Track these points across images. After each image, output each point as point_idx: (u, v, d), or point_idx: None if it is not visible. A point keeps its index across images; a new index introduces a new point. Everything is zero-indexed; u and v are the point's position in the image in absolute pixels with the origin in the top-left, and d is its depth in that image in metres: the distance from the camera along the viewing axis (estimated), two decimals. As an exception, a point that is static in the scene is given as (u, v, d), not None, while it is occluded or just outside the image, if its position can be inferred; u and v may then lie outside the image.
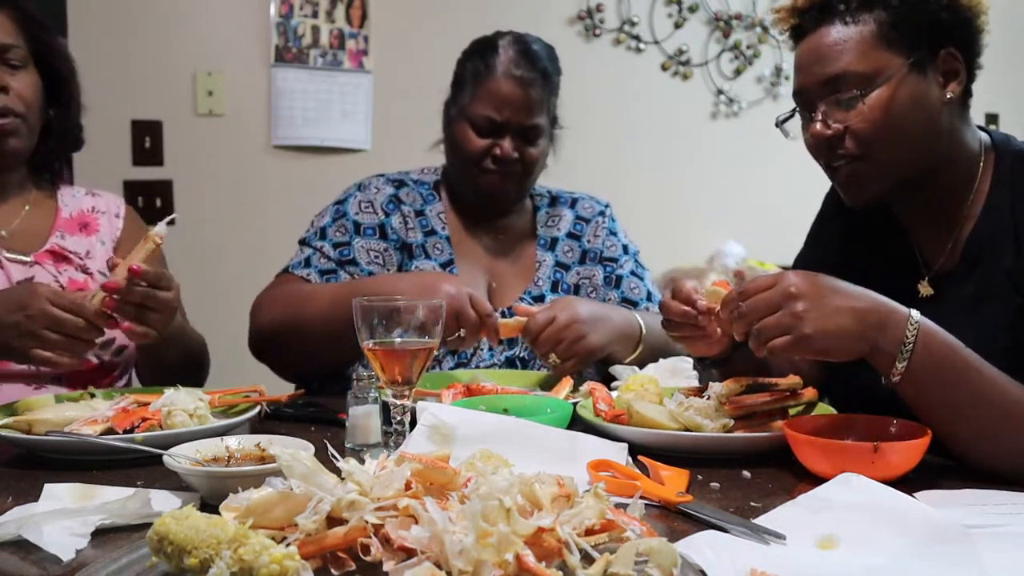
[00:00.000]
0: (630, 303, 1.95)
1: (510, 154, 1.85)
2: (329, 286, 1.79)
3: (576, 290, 1.97)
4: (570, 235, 2.01)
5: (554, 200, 2.06)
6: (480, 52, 1.89)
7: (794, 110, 1.42)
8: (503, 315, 1.82)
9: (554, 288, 1.96)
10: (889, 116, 1.31)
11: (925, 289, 1.41)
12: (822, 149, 1.37)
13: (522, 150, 1.86)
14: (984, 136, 1.42)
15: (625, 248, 2.04)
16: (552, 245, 2.00)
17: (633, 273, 2.01)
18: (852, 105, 1.32)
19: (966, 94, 1.38)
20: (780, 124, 1.45)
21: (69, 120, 1.79)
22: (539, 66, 1.86)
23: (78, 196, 1.85)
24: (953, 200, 1.39)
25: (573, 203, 2.06)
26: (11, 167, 1.73)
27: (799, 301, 1.17)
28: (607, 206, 2.08)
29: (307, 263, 1.85)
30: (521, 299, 1.90)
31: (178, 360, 1.70)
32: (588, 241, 2.01)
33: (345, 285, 1.77)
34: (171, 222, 1.52)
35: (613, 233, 2.04)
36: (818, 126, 1.35)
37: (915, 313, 1.18)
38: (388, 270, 1.86)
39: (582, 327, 1.64)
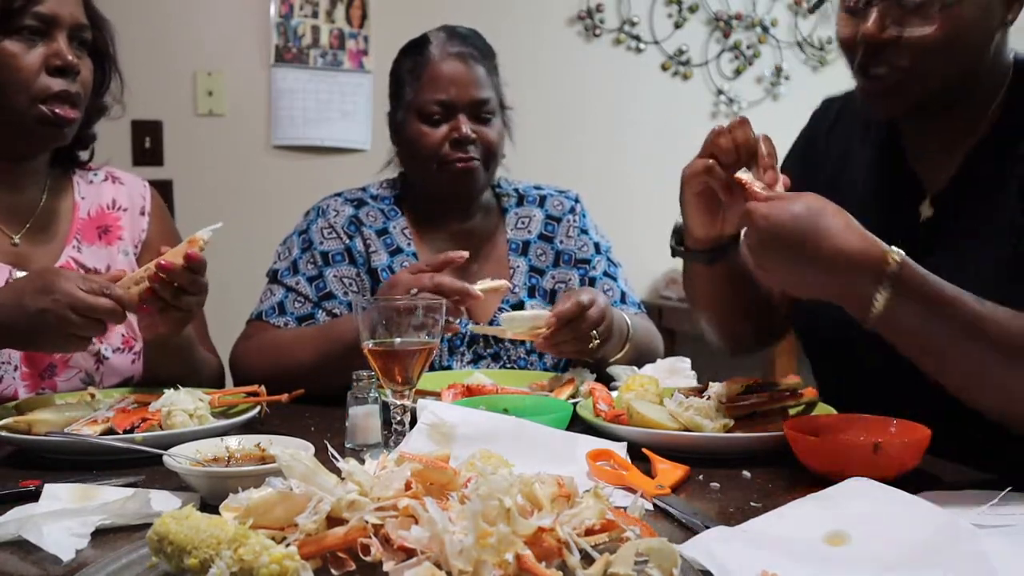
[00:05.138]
0: None
1: (468, 134, 1.78)
2: (309, 332, 1.73)
3: (552, 295, 1.90)
4: (542, 236, 1.94)
5: (521, 199, 1.98)
6: (410, 50, 1.89)
7: None
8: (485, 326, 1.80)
9: (531, 293, 1.89)
10: (955, 29, 1.21)
11: (926, 210, 1.35)
12: (867, 52, 1.26)
13: (478, 131, 1.80)
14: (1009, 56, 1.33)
15: (597, 246, 1.96)
16: (524, 249, 1.92)
17: (606, 274, 1.94)
18: (924, 12, 1.21)
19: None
20: (813, 9, 1.37)
21: (103, 105, 1.67)
22: (472, 43, 1.86)
23: (97, 183, 1.71)
24: (968, 119, 1.32)
25: (542, 201, 1.97)
26: (44, 152, 1.60)
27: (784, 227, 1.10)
28: (577, 200, 2.00)
29: (281, 309, 1.80)
30: (500, 308, 1.84)
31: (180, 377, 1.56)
32: (561, 242, 1.94)
33: (322, 330, 1.71)
34: (217, 228, 1.44)
35: (584, 231, 1.96)
36: (872, 26, 1.23)
37: (895, 253, 1.09)
38: (364, 296, 1.81)
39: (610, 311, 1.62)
